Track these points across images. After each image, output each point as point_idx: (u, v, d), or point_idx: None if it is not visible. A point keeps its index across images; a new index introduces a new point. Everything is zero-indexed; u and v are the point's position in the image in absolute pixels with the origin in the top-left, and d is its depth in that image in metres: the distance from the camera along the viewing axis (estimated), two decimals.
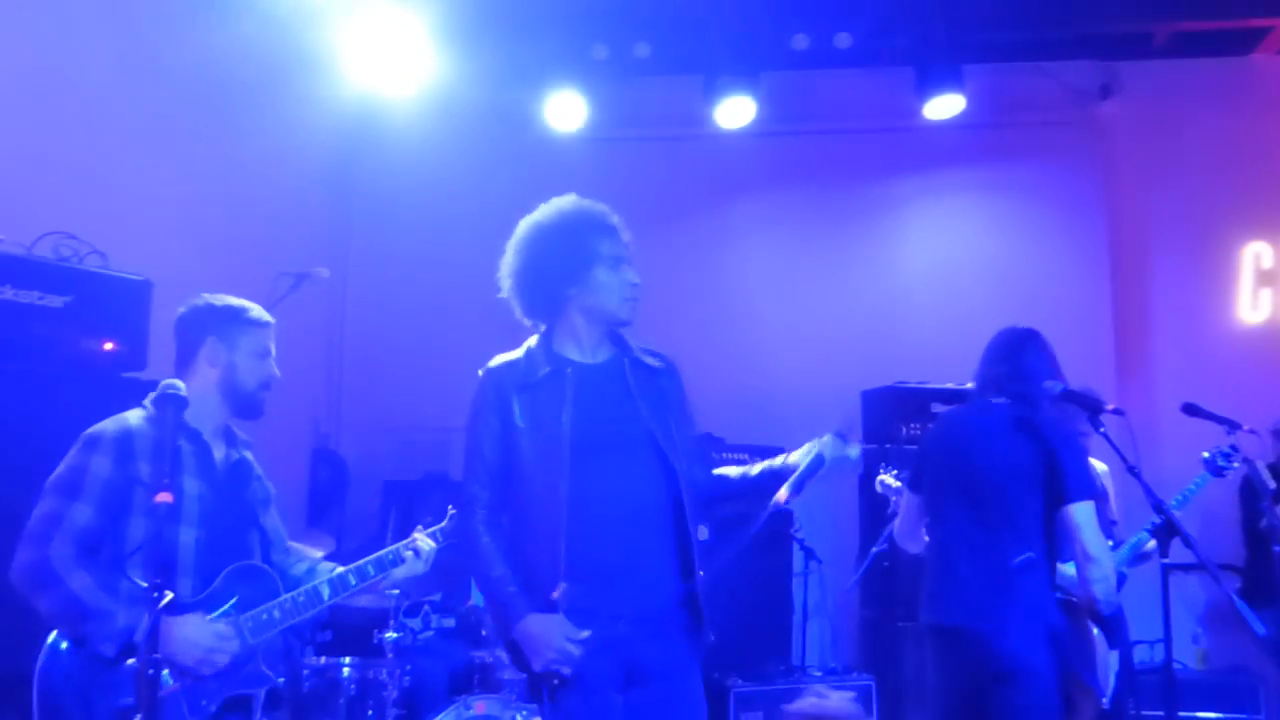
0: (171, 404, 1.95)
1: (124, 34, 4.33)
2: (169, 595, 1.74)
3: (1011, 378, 3.10)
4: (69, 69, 4.01)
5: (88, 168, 4.02)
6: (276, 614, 2.34)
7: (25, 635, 2.25)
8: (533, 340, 2.58)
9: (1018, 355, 3.14)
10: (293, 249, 5.09)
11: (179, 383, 2.01)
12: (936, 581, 3.08)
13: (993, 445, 3.06)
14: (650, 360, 2.61)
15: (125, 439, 2.28)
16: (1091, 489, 2.99)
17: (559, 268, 2.50)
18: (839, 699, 4.46)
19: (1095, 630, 3.19)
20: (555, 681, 2.24)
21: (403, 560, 2.62)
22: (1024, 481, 2.98)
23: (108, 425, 2.31)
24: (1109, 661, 3.12)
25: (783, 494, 2.35)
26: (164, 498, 1.79)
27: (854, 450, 2.42)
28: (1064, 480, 2.94)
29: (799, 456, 2.41)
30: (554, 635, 2.25)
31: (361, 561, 2.60)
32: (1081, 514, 2.93)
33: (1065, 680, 2.94)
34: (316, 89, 5.95)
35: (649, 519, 2.38)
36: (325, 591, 2.47)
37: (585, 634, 2.25)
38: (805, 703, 4.42)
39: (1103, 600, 2.92)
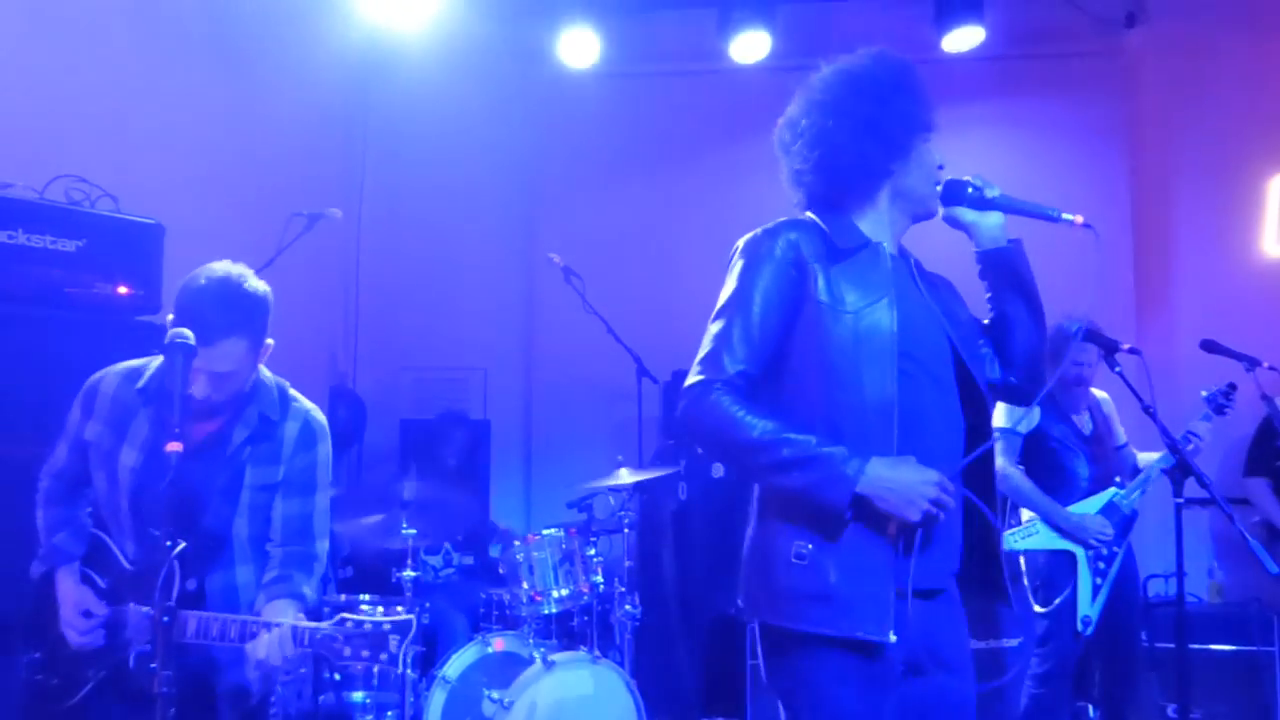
0: (180, 353, 1.94)
1: None
2: (181, 544, 1.75)
3: None
4: (78, 11, 3.96)
5: (98, 110, 4.00)
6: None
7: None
8: (808, 215, 1.99)
9: None
10: (305, 189, 5.07)
11: (188, 331, 2.00)
12: None
13: None
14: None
15: (91, 394, 2.35)
16: None
17: (885, 136, 1.92)
18: None
19: None
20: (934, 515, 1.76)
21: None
22: None
23: (99, 374, 2.37)
24: None
25: None
26: (174, 447, 1.79)
27: None
28: None
29: None
30: (916, 467, 1.75)
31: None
32: None
33: None
34: (327, 27, 5.87)
35: (958, 455, 1.88)
36: None
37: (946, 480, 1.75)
38: None
39: None
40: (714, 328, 1.90)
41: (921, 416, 1.84)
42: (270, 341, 2.25)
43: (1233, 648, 4.62)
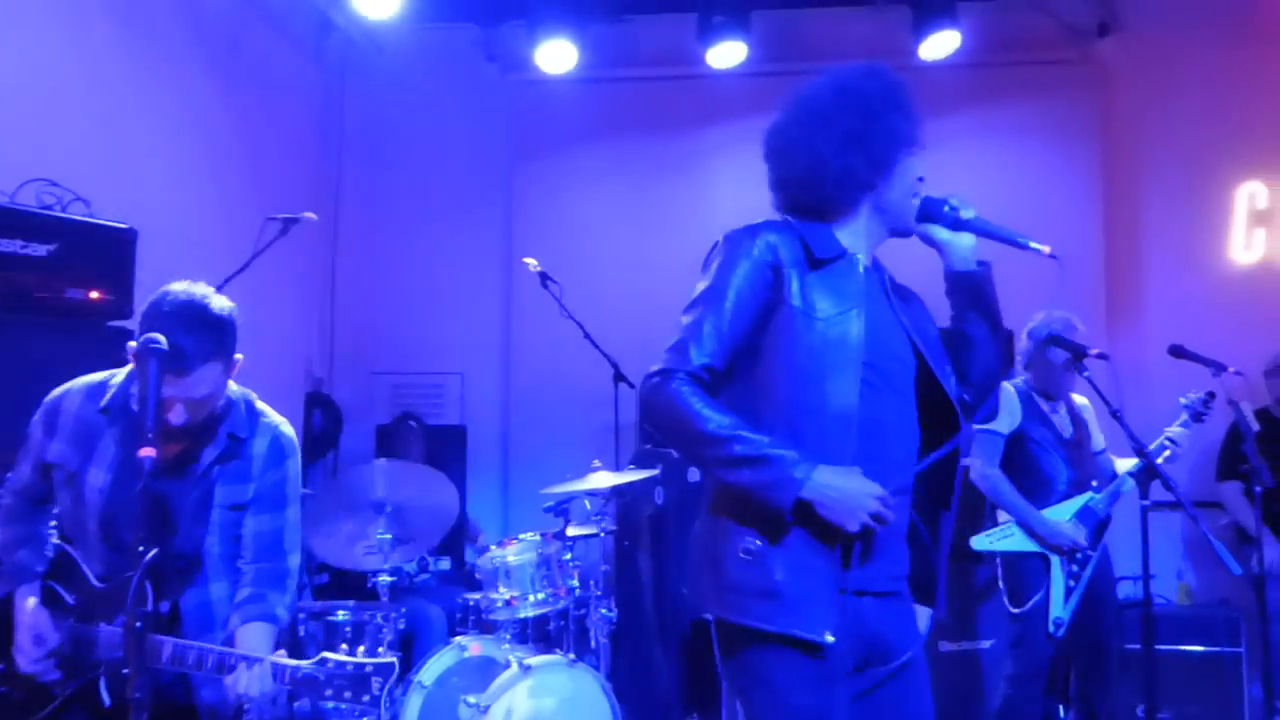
0: (154, 356, 1.93)
1: None
2: (153, 551, 1.74)
3: None
4: (49, 13, 3.93)
5: (70, 114, 3.97)
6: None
7: None
8: (788, 220, 2.01)
9: None
10: (280, 193, 5.06)
11: (160, 336, 1.98)
12: None
13: None
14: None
15: (53, 413, 2.29)
16: None
17: (871, 151, 1.94)
18: None
19: None
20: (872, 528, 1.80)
21: None
22: None
23: (60, 391, 2.32)
24: None
25: None
26: (147, 452, 1.78)
27: None
28: None
29: None
30: (861, 479, 1.79)
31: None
32: None
33: None
34: (303, 31, 5.86)
35: (912, 466, 1.96)
36: None
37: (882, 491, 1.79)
38: None
39: None
40: (685, 319, 1.92)
41: (880, 427, 1.88)
42: (239, 356, 2.22)
43: (1201, 649, 4.69)
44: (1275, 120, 5.59)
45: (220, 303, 2.17)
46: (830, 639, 1.78)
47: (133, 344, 2.10)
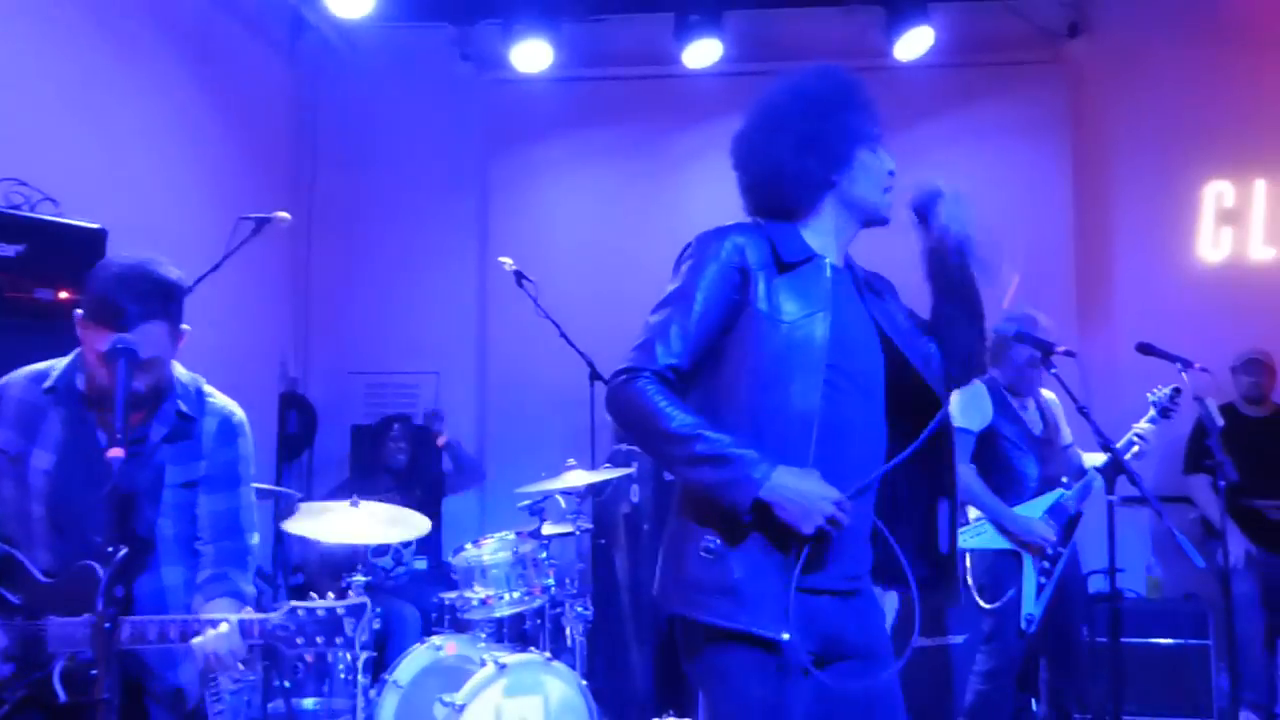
0: (122, 357, 1.92)
1: None
2: (123, 550, 1.73)
3: None
4: (17, 12, 3.90)
5: (38, 112, 3.93)
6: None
7: None
8: (758, 222, 2.05)
9: None
10: (254, 193, 5.03)
11: (130, 336, 1.97)
12: None
13: None
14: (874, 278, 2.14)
15: None
16: None
17: (826, 149, 1.98)
18: None
19: None
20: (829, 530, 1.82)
21: None
22: None
23: (2, 381, 2.29)
24: None
25: None
26: (115, 453, 1.77)
27: None
28: None
29: None
30: (819, 482, 1.82)
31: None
32: None
33: None
34: (276, 29, 5.83)
35: (875, 468, 1.98)
36: None
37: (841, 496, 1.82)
38: None
39: None
40: (654, 318, 1.95)
41: (843, 429, 1.91)
42: (186, 327, 2.20)
43: (1169, 641, 4.75)
44: (1242, 120, 5.68)
45: (168, 268, 2.16)
46: (786, 636, 1.82)
47: (79, 310, 2.09)
